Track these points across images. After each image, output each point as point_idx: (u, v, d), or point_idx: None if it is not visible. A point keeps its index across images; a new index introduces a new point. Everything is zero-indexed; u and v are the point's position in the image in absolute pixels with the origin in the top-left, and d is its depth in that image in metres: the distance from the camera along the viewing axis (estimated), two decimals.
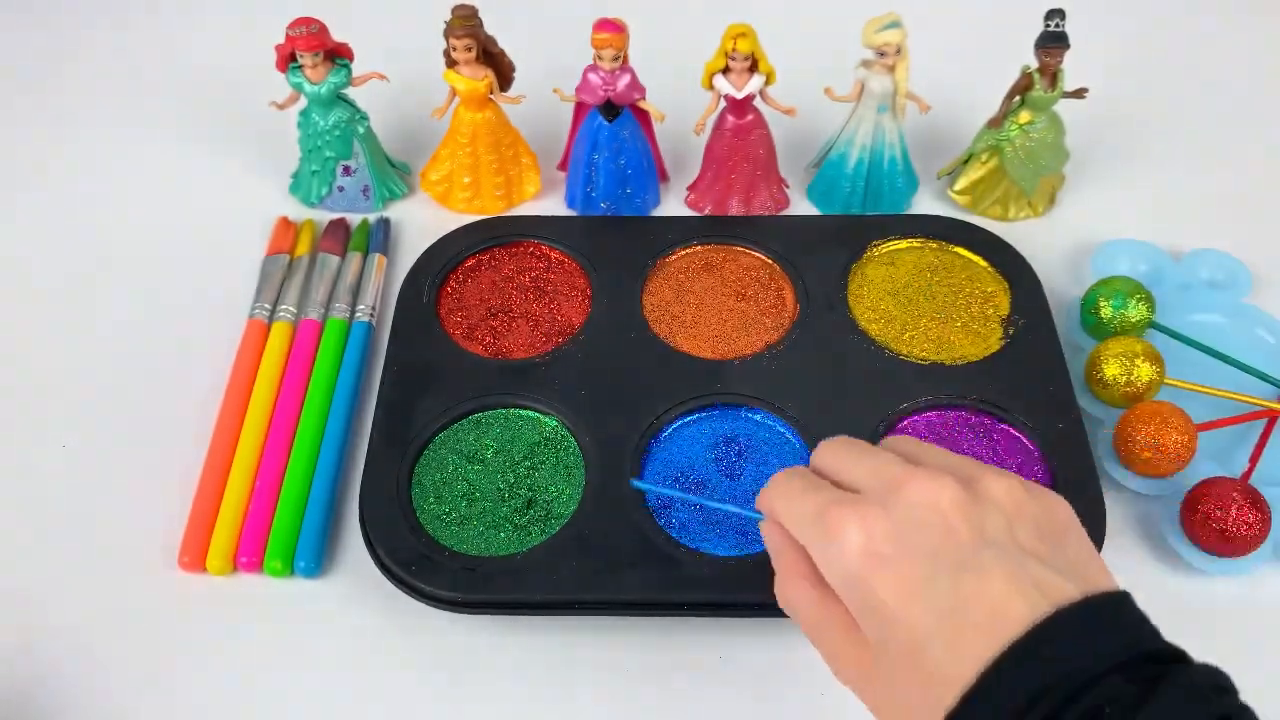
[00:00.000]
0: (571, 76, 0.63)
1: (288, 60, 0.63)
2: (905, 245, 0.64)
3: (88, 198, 0.71)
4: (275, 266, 0.64)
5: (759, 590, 0.49)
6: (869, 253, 0.64)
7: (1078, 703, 0.30)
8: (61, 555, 0.53)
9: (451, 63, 0.63)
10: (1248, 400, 0.57)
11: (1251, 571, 0.52)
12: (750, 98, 0.63)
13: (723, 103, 0.63)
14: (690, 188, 0.68)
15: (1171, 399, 0.56)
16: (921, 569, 0.35)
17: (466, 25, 0.61)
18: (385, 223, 0.67)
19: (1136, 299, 0.59)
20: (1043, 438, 0.54)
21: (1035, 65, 0.62)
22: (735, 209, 0.67)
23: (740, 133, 0.64)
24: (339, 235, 0.66)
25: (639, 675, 0.50)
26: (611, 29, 0.60)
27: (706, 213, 0.67)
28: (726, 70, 0.62)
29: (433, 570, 0.50)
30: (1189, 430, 0.53)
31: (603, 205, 0.66)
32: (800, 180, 0.70)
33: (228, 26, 0.82)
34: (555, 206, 0.69)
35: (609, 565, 0.50)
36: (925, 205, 0.69)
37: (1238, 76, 0.79)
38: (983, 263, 0.63)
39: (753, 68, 0.61)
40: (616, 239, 0.65)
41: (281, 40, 0.62)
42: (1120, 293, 0.59)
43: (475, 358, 0.59)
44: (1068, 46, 0.61)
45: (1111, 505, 0.53)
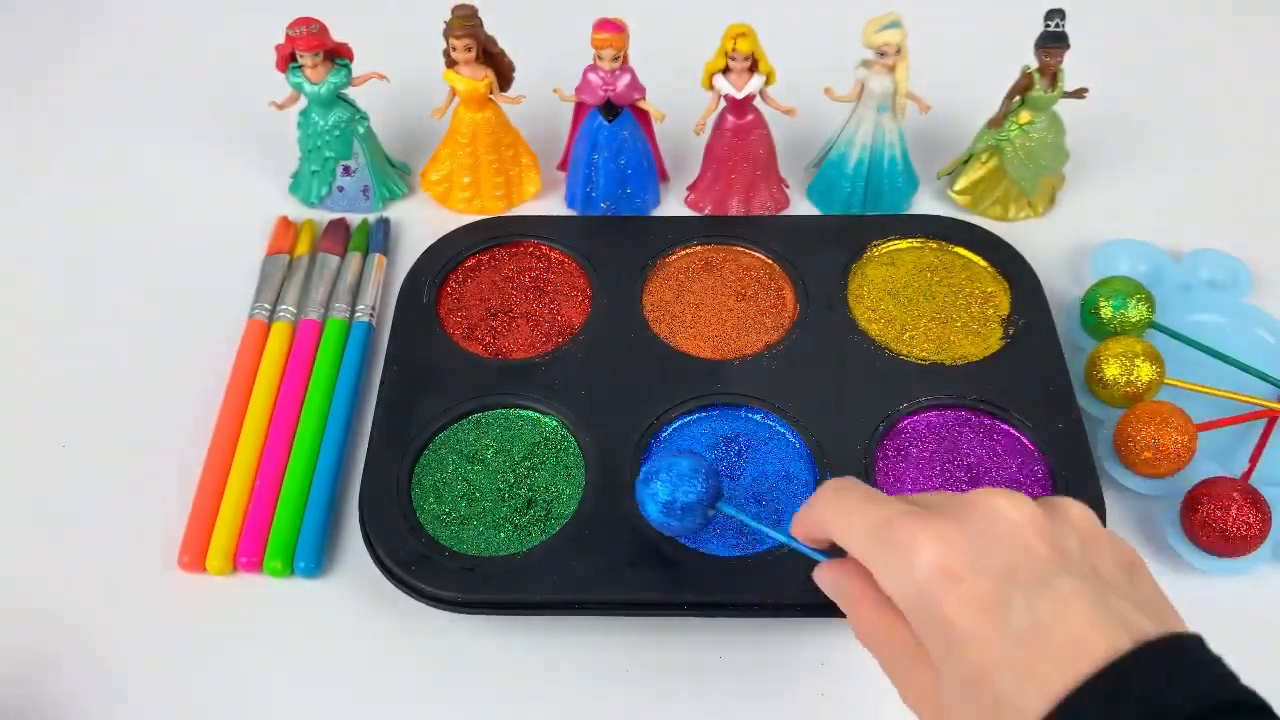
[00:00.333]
0: (571, 76, 0.63)
1: (288, 60, 0.63)
2: (905, 245, 0.64)
3: (87, 197, 0.71)
4: (275, 266, 0.64)
5: (759, 590, 0.49)
6: (869, 253, 0.64)
7: None
8: (61, 555, 0.53)
9: (451, 63, 0.63)
10: (1248, 400, 0.57)
11: (1251, 571, 0.52)
12: (750, 98, 0.63)
13: (723, 103, 0.63)
14: (690, 188, 0.68)
15: (1171, 399, 0.56)
16: (996, 589, 0.32)
17: (466, 25, 0.61)
18: (385, 223, 0.67)
19: (1136, 299, 0.59)
20: (1043, 438, 0.54)
21: (1035, 65, 0.62)
22: (735, 209, 0.67)
23: (740, 133, 0.64)
24: (339, 235, 0.66)
25: (639, 675, 0.50)
26: (611, 29, 0.60)
27: (706, 213, 0.67)
28: (726, 70, 0.62)
29: (433, 570, 0.50)
30: (1189, 430, 0.53)
31: (603, 205, 0.66)
32: (800, 180, 0.70)
33: (228, 26, 0.82)
34: (555, 206, 0.69)
35: (609, 565, 0.50)
36: (925, 205, 0.69)
37: (1238, 76, 0.79)
38: (983, 263, 0.63)
39: (753, 68, 0.61)
40: (616, 239, 0.65)
41: (281, 40, 0.62)
42: (1120, 293, 0.59)
43: (475, 358, 0.59)
44: (1068, 46, 0.61)
45: (1111, 505, 0.53)
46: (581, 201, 0.67)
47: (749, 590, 0.49)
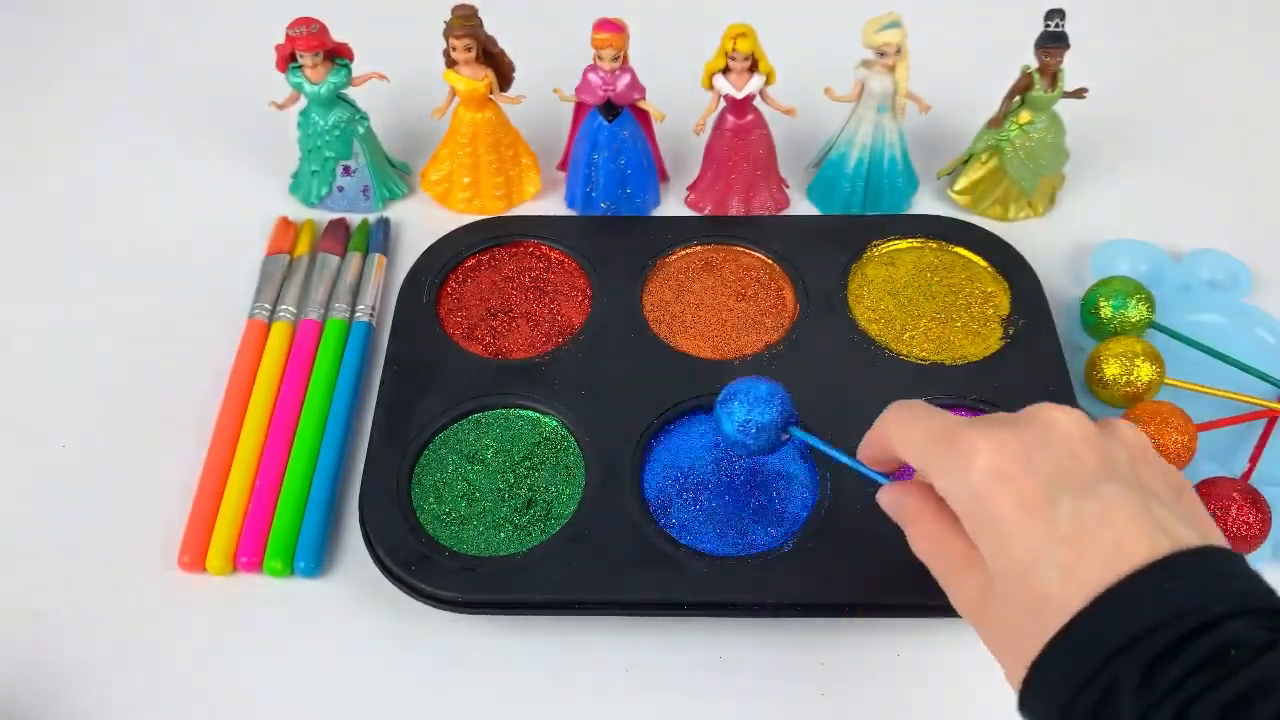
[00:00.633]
0: (571, 76, 0.63)
1: (288, 60, 0.63)
2: (905, 245, 0.64)
3: (88, 197, 0.71)
4: (275, 266, 0.64)
5: (759, 590, 0.49)
6: (869, 253, 0.64)
7: (1196, 641, 0.30)
8: (61, 555, 0.53)
9: (451, 63, 0.63)
10: (1248, 400, 0.57)
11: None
12: (750, 98, 0.63)
13: (723, 103, 0.63)
14: (690, 188, 0.68)
15: (1171, 399, 0.56)
16: (1044, 490, 0.34)
17: (466, 25, 0.61)
18: (385, 223, 0.67)
19: (1136, 299, 0.59)
20: None
21: (1035, 65, 0.62)
22: (735, 209, 0.67)
23: (740, 133, 0.64)
24: (339, 235, 0.66)
25: (639, 675, 0.50)
26: (611, 29, 0.60)
27: (706, 213, 0.67)
28: (726, 70, 0.62)
29: (433, 570, 0.50)
30: (1189, 430, 0.53)
31: (603, 205, 0.66)
32: (800, 180, 0.70)
33: (228, 26, 0.82)
34: (555, 206, 0.69)
35: (609, 565, 0.50)
36: (925, 205, 0.69)
37: (1238, 76, 0.79)
38: (983, 263, 0.63)
39: (753, 68, 0.61)
40: (616, 239, 0.65)
41: (281, 40, 0.62)
42: (1120, 293, 0.59)
43: (475, 358, 0.59)
44: (1068, 46, 0.61)
45: None
46: (581, 201, 0.67)
47: (749, 590, 0.49)
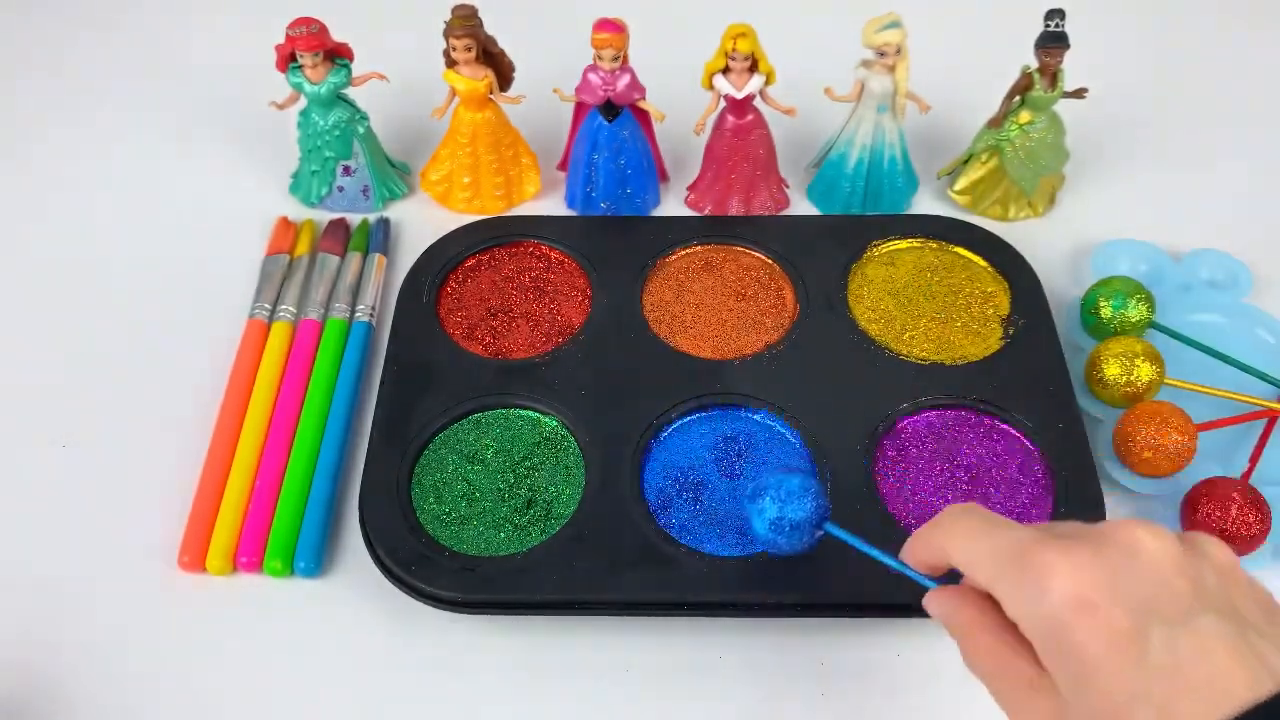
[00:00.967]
0: (571, 76, 0.63)
1: (288, 60, 0.63)
2: (905, 245, 0.64)
3: (88, 197, 0.71)
4: (275, 266, 0.64)
5: (759, 590, 0.49)
6: (869, 253, 0.64)
7: None
8: (61, 555, 0.53)
9: (451, 63, 0.63)
10: (1248, 400, 0.57)
11: (1251, 571, 0.51)
12: (750, 98, 0.63)
13: (723, 103, 0.63)
14: (690, 188, 0.68)
15: (1171, 399, 0.56)
16: (1133, 620, 0.31)
17: (466, 25, 0.61)
18: (385, 223, 0.67)
19: (1136, 299, 0.59)
20: (1043, 438, 0.54)
21: (1035, 65, 0.62)
22: (735, 209, 0.67)
23: (740, 133, 0.64)
24: (339, 235, 0.66)
25: (639, 675, 0.50)
26: (611, 29, 0.60)
27: (706, 213, 0.67)
28: (726, 70, 0.62)
29: (433, 570, 0.50)
30: (1189, 430, 0.53)
31: (603, 205, 0.66)
32: (800, 180, 0.70)
33: (228, 26, 0.82)
34: (555, 206, 0.69)
35: (609, 565, 0.50)
36: (925, 205, 0.69)
37: (1238, 76, 0.79)
38: (982, 263, 0.63)
39: (753, 68, 0.61)
40: (616, 239, 0.65)
41: (281, 40, 0.62)
42: (1120, 293, 0.59)
43: (475, 358, 0.59)
44: (1068, 46, 0.61)
45: (1111, 505, 0.53)
46: (581, 201, 0.67)
47: (749, 590, 0.49)
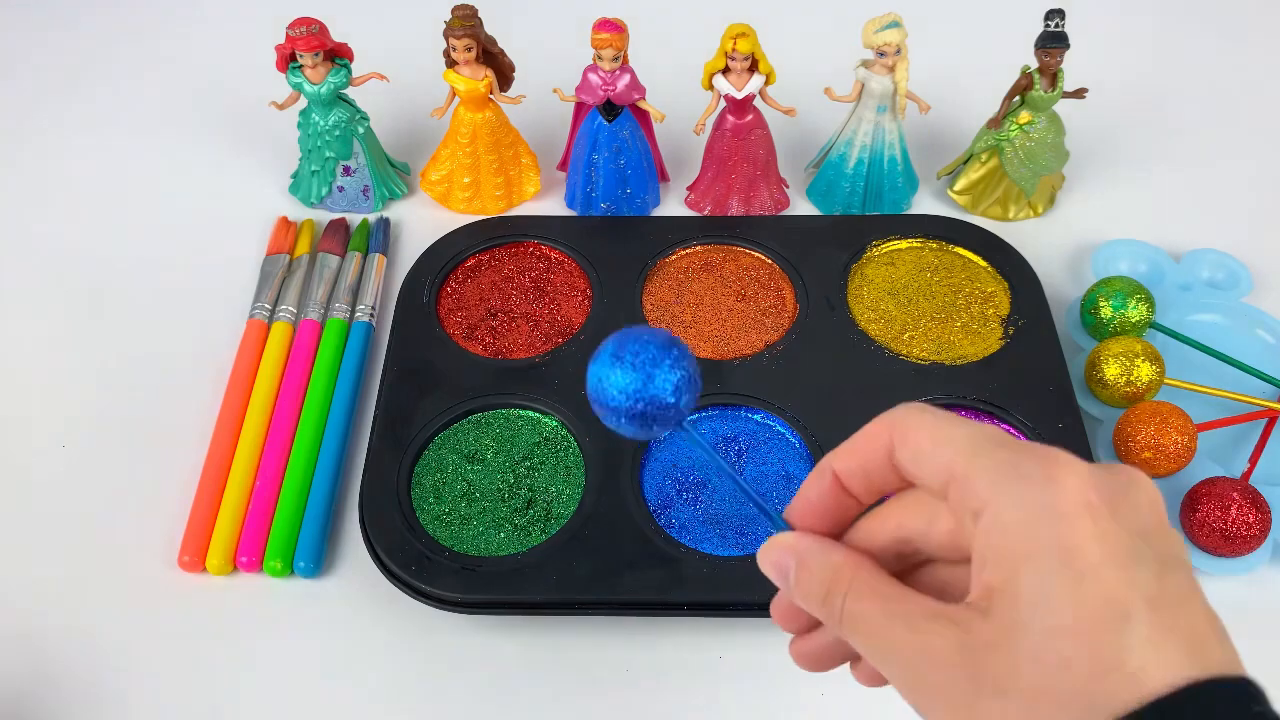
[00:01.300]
0: (571, 76, 0.63)
1: (288, 60, 0.63)
2: (905, 245, 0.64)
3: (88, 197, 0.71)
4: (275, 266, 0.64)
5: (759, 590, 0.49)
6: (869, 253, 0.64)
7: None
8: (62, 555, 0.53)
9: (451, 63, 0.63)
10: (1248, 400, 0.57)
11: (1251, 571, 0.52)
12: (750, 98, 0.63)
13: (723, 103, 0.63)
14: (690, 188, 0.68)
15: (1171, 399, 0.56)
16: (1129, 541, 0.28)
17: (466, 25, 0.61)
18: (385, 223, 0.67)
19: (1137, 299, 0.59)
20: (1043, 438, 0.54)
21: (1035, 65, 0.62)
22: (735, 209, 0.67)
23: (740, 133, 0.64)
24: (339, 235, 0.66)
25: (639, 675, 0.50)
26: (611, 29, 0.60)
27: (706, 213, 0.67)
28: (726, 70, 0.62)
29: (433, 570, 0.50)
30: (1189, 430, 0.53)
31: (603, 205, 0.66)
32: (800, 180, 0.70)
33: (228, 26, 0.82)
34: (555, 206, 0.69)
35: (609, 565, 0.50)
36: (925, 205, 0.69)
37: (1238, 77, 0.79)
38: (983, 263, 0.63)
39: (753, 68, 0.61)
40: (616, 239, 0.65)
41: (281, 40, 0.62)
42: (1120, 293, 0.59)
43: (475, 358, 0.59)
44: (1068, 46, 0.61)
45: None
46: (581, 201, 0.67)
47: (749, 590, 0.49)
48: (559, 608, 0.50)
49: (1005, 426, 0.56)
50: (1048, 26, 0.61)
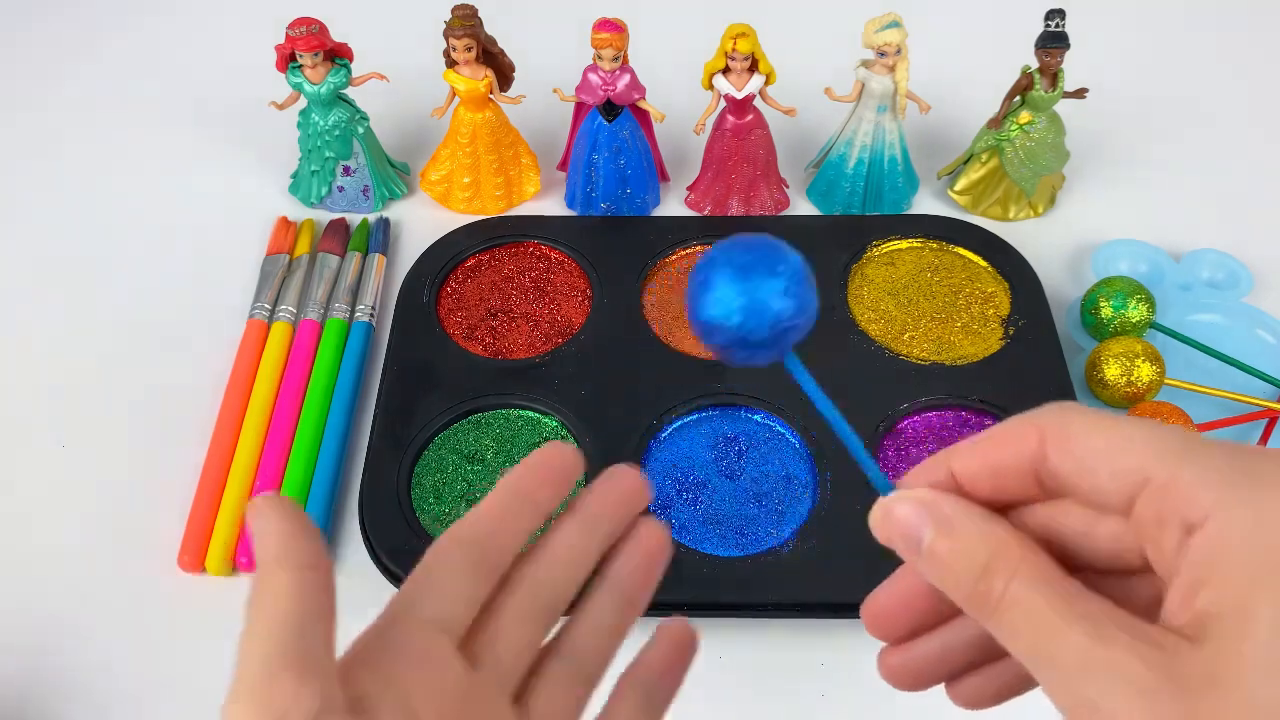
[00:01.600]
0: (571, 76, 0.63)
1: (288, 60, 0.63)
2: (905, 245, 0.64)
3: (87, 197, 0.71)
4: (275, 266, 0.64)
5: (759, 590, 0.49)
6: (869, 253, 0.64)
7: None
8: (61, 555, 0.53)
9: (451, 63, 0.63)
10: (1248, 400, 0.57)
11: None
12: (750, 98, 0.62)
13: (723, 103, 0.63)
14: (690, 188, 0.68)
15: (1171, 399, 0.56)
16: None
17: (466, 25, 0.61)
18: (385, 223, 0.67)
19: (1137, 299, 0.59)
20: None
21: (1035, 65, 0.62)
22: (735, 209, 0.67)
23: (740, 133, 0.64)
24: (339, 235, 0.66)
25: None
26: (611, 29, 0.60)
27: (706, 213, 0.67)
28: (726, 70, 0.62)
29: None
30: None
31: (603, 205, 0.66)
32: (800, 180, 0.70)
33: (228, 26, 0.82)
34: (555, 206, 0.69)
35: None
36: (925, 205, 0.69)
37: (1238, 77, 0.79)
38: (983, 263, 0.63)
39: (753, 68, 0.61)
40: (616, 239, 0.65)
41: (281, 40, 0.62)
42: (1121, 293, 0.59)
43: (475, 358, 0.59)
44: (1068, 46, 0.61)
45: None
46: (581, 201, 0.67)
47: (749, 590, 0.49)
48: None
49: None
50: (1048, 26, 0.61)
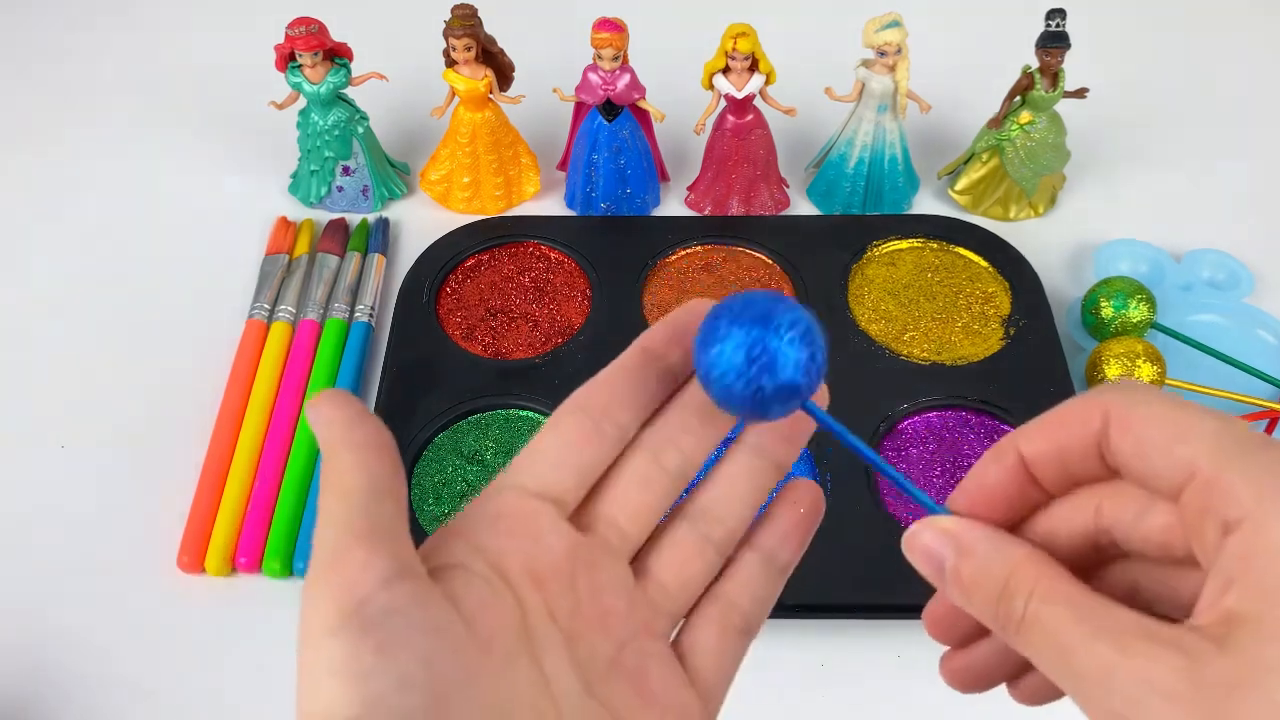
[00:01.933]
0: (571, 76, 0.63)
1: (287, 60, 0.63)
2: (906, 245, 0.64)
3: (87, 198, 0.70)
4: (274, 266, 0.64)
5: None
6: (869, 253, 0.64)
7: None
8: (61, 556, 0.53)
9: (451, 63, 0.63)
10: (1248, 400, 0.57)
11: None
12: (750, 98, 0.62)
13: (723, 103, 0.63)
14: (690, 188, 0.68)
15: None
16: None
17: (466, 25, 0.61)
18: (385, 223, 0.67)
19: (1138, 299, 0.58)
20: None
21: (1036, 65, 0.62)
22: (735, 209, 0.67)
23: (740, 133, 0.64)
24: (338, 235, 0.66)
25: None
26: (611, 29, 0.60)
27: (706, 213, 0.67)
28: (726, 70, 0.62)
29: None
30: None
31: (603, 205, 0.66)
32: (800, 180, 0.70)
33: (228, 26, 0.82)
34: (555, 206, 0.69)
35: None
36: (925, 205, 0.69)
37: (1237, 77, 0.79)
38: (983, 263, 0.63)
39: (753, 68, 0.61)
40: (616, 239, 0.65)
41: (281, 40, 0.62)
42: (1121, 293, 0.59)
43: (475, 358, 0.59)
44: (1068, 46, 0.61)
45: None
46: (581, 201, 0.66)
47: None
48: None
49: (1006, 428, 0.56)
50: (1048, 26, 0.61)
